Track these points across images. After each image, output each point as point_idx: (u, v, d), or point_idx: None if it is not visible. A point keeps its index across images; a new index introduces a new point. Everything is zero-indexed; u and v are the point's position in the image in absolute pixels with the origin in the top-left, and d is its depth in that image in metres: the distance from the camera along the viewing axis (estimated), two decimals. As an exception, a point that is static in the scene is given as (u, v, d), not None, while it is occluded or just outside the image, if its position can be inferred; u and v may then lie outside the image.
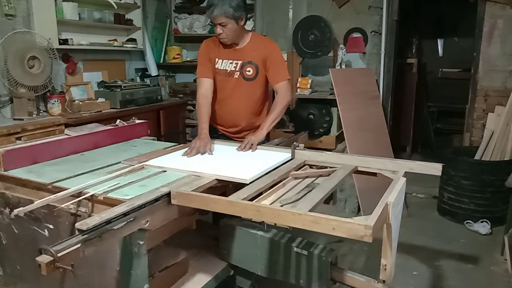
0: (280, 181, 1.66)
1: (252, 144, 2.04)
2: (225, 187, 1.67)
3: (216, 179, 1.61)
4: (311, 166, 1.87)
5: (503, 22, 3.83)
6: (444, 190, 3.66)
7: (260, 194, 1.51)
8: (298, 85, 4.15)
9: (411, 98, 5.56)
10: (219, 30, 2.13)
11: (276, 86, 2.27)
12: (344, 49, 4.04)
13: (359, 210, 3.69)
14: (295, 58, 4.46)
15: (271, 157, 1.92)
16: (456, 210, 3.56)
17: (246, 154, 2.02)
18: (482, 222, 3.38)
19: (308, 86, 4.07)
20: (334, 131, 4.00)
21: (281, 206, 1.38)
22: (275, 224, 1.23)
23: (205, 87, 2.27)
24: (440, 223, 3.60)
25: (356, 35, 4.33)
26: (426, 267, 2.85)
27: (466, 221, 3.45)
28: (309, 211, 1.25)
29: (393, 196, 1.31)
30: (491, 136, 3.72)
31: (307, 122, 3.98)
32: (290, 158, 1.91)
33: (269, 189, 1.57)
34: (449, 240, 3.25)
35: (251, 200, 1.41)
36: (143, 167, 1.79)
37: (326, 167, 1.80)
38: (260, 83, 2.30)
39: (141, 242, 1.35)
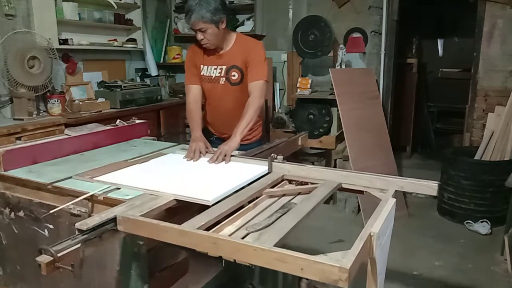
0: (252, 200, 1.43)
1: (225, 155, 1.83)
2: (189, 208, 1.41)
3: (175, 200, 1.37)
4: (290, 182, 1.65)
5: (503, 22, 3.83)
6: (444, 190, 3.66)
7: (228, 216, 1.29)
8: (298, 85, 4.15)
9: (411, 98, 5.57)
10: (199, 36, 2.04)
11: (251, 85, 2.13)
12: (344, 49, 4.04)
13: (359, 210, 3.69)
14: (295, 58, 4.46)
15: (245, 171, 1.68)
16: (456, 210, 3.56)
17: (218, 167, 1.78)
18: (482, 222, 3.38)
19: (308, 86, 4.07)
20: (334, 131, 4.00)
21: (247, 234, 1.19)
22: (234, 260, 1.05)
23: (193, 93, 2.23)
24: (440, 223, 3.60)
25: (356, 35, 4.33)
26: (426, 267, 2.85)
27: (466, 221, 3.45)
28: (276, 245, 1.04)
29: (378, 224, 1.11)
30: (491, 136, 3.72)
31: (307, 122, 3.98)
32: (266, 172, 1.68)
33: (239, 210, 1.35)
34: (449, 240, 3.25)
35: (211, 227, 1.21)
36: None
37: (307, 183, 1.59)
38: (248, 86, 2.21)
39: (141, 242, 1.35)
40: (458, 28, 6.27)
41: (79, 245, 1.09)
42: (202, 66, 2.22)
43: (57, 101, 3.41)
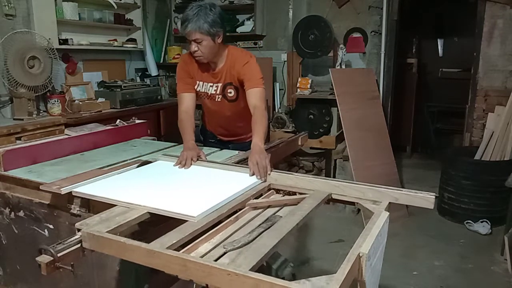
0: (234, 212, 1.33)
1: (264, 168, 1.59)
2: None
3: (148, 213, 1.27)
4: (277, 191, 1.55)
5: (503, 22, 3.82)
6: (444, 190, 3.66)
7: (207, 231, 1.19)
8: (298, 85, 4.14)
9: (411, 98, 5.57)
10: (193, 47, 1.94)
11: (249, 92, 1.99)
12: (344, 49, 4.04)
13: (359, 210, 3.68)
14: (295, 58, 4.47)
15: (237, 181, 1.54)
16: (456, 210, 3.56)
17: (206, 177, 1.63)
18: (482, 222, 3.38)
19: (308, 86, 4.07)
20: (334, 131, 4.00)
21: (224, 253, 1.10)
22: (206, 286, 0.95)
23: (186, 103, 2.10)
24: (440, 223, 3.60)
25: (356, 35, 4.33)
26: (426, 267, 2.85)
27: (466, 221, 3.45)
28: (252, 268, 0.95)
29: (369, 243, 1.00)
30: (491, 136, 3.72)
31: (307, 122, 3.98)
32: (260, 181, 1.55)
33: (219, 223, 1.24)
34: (449, 240, 3.25)
35: (188, 243, 1.11)
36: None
37: (295, 193, 1.50)
38: (244, 99, 2.07)
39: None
40: (458, 28, 6.25)
41: (79, 245, 1.09)
42: (197, 81, 2.14)
43: (57, 101, 3.41)
